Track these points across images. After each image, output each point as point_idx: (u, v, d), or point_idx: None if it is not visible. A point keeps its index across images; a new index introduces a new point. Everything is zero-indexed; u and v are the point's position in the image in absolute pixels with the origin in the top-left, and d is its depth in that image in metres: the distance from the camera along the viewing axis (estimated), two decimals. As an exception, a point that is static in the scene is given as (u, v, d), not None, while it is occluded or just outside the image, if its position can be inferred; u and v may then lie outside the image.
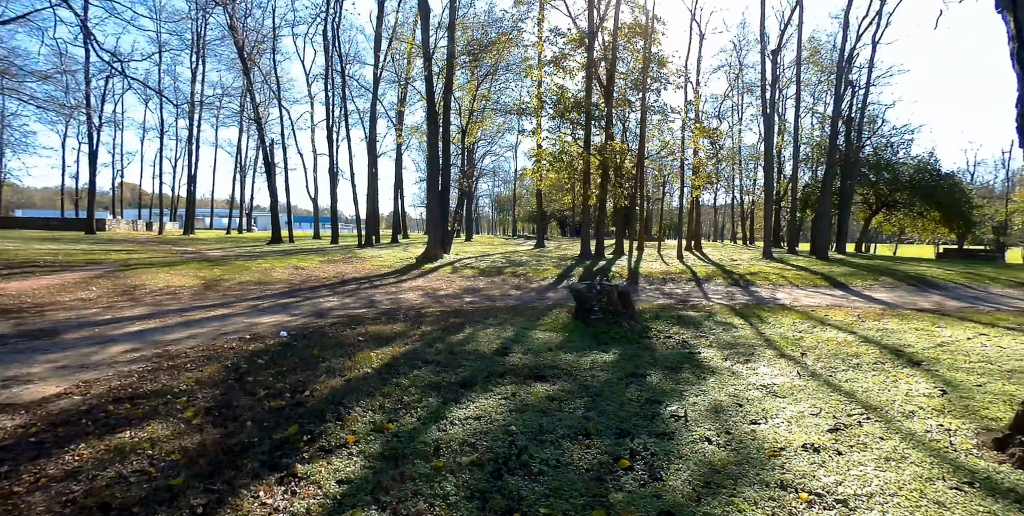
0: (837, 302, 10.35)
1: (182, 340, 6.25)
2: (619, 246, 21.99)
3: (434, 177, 17.35)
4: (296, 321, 7.59)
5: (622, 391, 4.12)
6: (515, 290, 11.97)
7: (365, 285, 12.30)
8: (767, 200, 21.43)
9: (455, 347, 5.51)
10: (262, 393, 4.20)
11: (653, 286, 13.08)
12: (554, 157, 17.91)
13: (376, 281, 13.07)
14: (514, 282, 13.40)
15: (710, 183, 23.09)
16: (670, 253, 24.41)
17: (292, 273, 14.01)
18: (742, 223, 44.19)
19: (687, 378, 4.51)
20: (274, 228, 27.85)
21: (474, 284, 12.88)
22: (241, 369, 4.89)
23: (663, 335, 6.19)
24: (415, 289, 11.74)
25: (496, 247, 28.43)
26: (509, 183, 66.15)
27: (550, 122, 20.01)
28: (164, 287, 10.88)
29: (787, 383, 4.39)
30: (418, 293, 11.06)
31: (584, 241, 19.43)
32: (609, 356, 5.18)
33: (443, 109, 18.16)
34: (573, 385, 4.26)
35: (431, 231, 17.38)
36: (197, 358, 5.33)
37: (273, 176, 27.64)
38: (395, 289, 11.67)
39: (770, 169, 21.12)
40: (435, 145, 17.32)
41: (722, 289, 12.56)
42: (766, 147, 20.70)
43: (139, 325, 7.22)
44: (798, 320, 7.63)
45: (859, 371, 4.85)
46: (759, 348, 5.71)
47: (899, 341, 6.15)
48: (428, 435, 3.25)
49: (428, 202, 17.46)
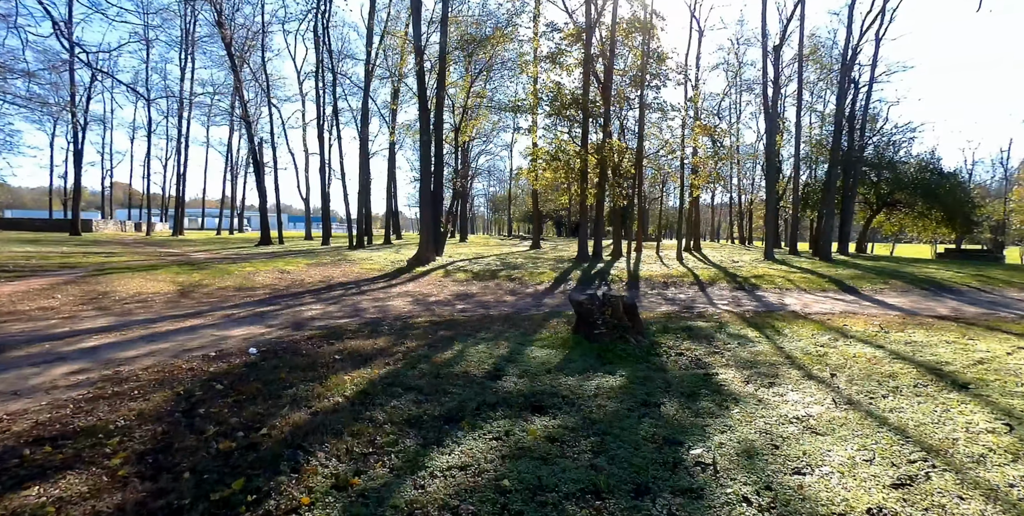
0: (850, 308, 9.79)
1: (138, 358, 5.61)
2: (617, 247, 21.41)
3: (426, 177, 16.72)
4: (271, 333, 6.95)
5: (635, 427, 3.51)
6: (510, 296, 11.36)
7: (352, 291, 11.66)
8: (768, 200, 20.90)
9: (441, 369, 4.89)
10: (212, 430, 3.57)
11: (655, 291, 12.49)
12: (551, 156, 17.29)
13: (364, 286, 12.42)
14: (509, 287, 12.79)
15: (711, 183, 22.56)
16: (669, 254, 23.88)
17: (277, 278, 13.34)
18: (740, 223, 43.74)
19: (708, 408, 3.90)
20: (263, 229, 27.13)
21: (467, 289, 12.26)
22: (194, 397, 4.25)
23: (673, 352, 5.59)
24: (404, 295, 11.11)
25: (491, 248, 27.82)
26: (505, 183, 65.66)
27: (546, 120, 19.41)
28: (136, 294, 10.20)
29: (824, 414, 3.80)
30: (407, 300, 10.43)
31: (582, 242, 18.84)
32: (616, 379, 4.57)
33: (435, 106, 17.51)
34: (577, 418, 3.65)
35: (423, 233, 16.75)
36: (148, 382, 4.69)
37: (262, 176, 26.92)
38: (383, 295, 11.03)
39: (772, 168, 20.60)
40: (427, 143, 16.68)
41: (727, 294, 11.99)
42: (768, 145, 20.17)
43: (97, 339, 6.57)
44: (817, 331, 7.05)
45: (901, 397, 4.27)
46: (782, 367, 5.12)
47: (934, 357, 5.57)
48: (401, 494, 2.63)
49: (420, 202, 16.84)
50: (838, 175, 21.59)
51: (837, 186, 21.89)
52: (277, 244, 27.18)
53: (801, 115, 23.65)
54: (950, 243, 39.46)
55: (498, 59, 22.87)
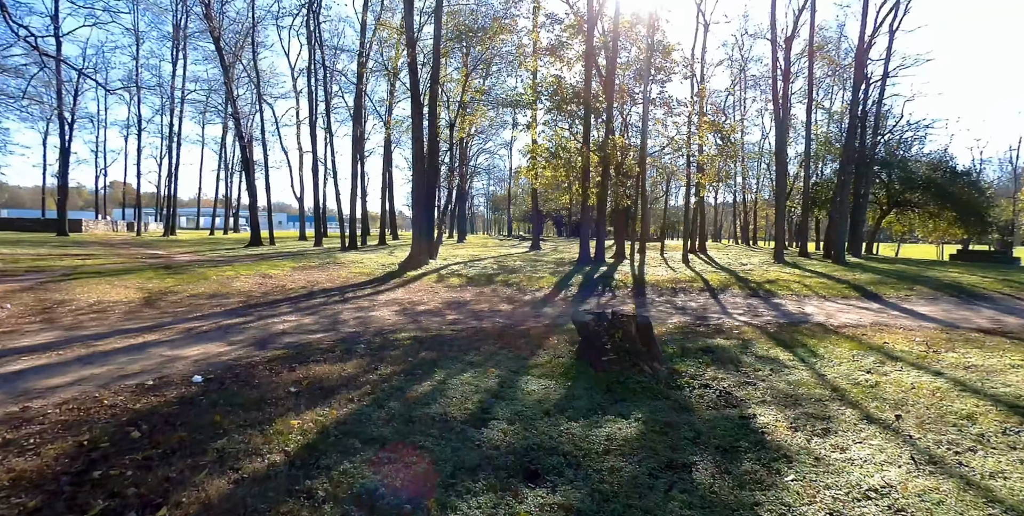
0: (880, 319, 8.88)
1: (60, 389, 4.71)
2: (620, 249, 20.52)
3: (419, 175, 15.82)
4: (230, 353, 6.06)
5: (661, 507, 2.61)
6: (506, 304, 10.47)
7: (335, 298, 10.76)
8: (778, 198, 20.00)
9: (415, 408, 3.98)
10: (96, 508, 2.68)
11: (663, 298, 11.60)
12: (551, 153, 16.36)
13: (349, 293, 11.53)
14: (505, 293, 11.89)
15: (718, 181, 21.64)
16: (673, 255, 22.97)
17: (257, 283, 12.45)
18: (742, 222, 42.80)
19: (754, 473, 3.00)
20: (253, 230, 26.22)
21: (460, 296, 11.37)
22: (98, 451, 3.35)
23: (697, 383, 4.68)
24: (391, 304, 10.21)
25: (489, 250, 26.93)
26: (504, 182, 64.78)
27: (546, 116, 18.51)
28: (95, 303, 9.30)
29: (908, 483, 2.90)
30: (393, 309, 9.53)
31: (583, 244, 17.94)
32: (631, 426, 3.67)
33: (429, 101, 16.61)
34: (583, 492, 2.75)
35: (416, 235, 15.85)
36: (53, 426, 3.79)
37: (251, 174, 26.02)
38: (368, 304, 10.13)
39: (783, 164, 19.69)
40: (420, 139, 15.77)
41: (741, 301, 11.09)
42: (778, 140, 19.27)
43: (26, 361, 5.67)
44: (856, 352, 6.15)
45: (992, 449, 3.37)
46: (832, 405, 4.22)
47: (1009, 389, 4.67)
48: None
49: (413, 203, 15.93)
50: (851, 173, 20.67)
51: (849, 185, 20.97)
52: (268, 245, 26.24)
53: (810, 112, 22.71)
54: (956, 244, 38.52)
55: (496, 52, 21.88)
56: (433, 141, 16.93)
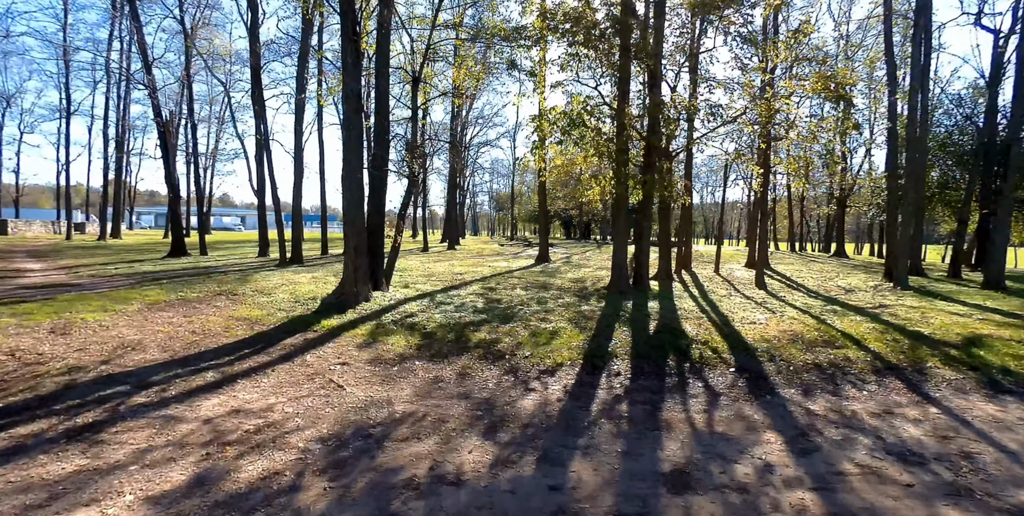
0: None
1: None
2: (665, 266, 14.27)
3: (353, 153, 9.62)
4: None
5: None
6: (475, 435, 4.29)
7: (85, 417, 4.59)
8: (915, 186, 13.55)
9: None
10: None
11: (820, 402, 5.35)
12: (570, 119, 10.03)
13: (172, 383, 5.37)
14: (484, 388, 5.70)
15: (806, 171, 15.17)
16: (733, 271, 16.62)
17: (6, 354, 6.29)
18: (797, 221, 36.06)
19: None
20: (174, 234, 20.05)
21: (386, 396, 5.21)
22: None
23: None
24: (207, 440, 4.01)
25: (483, 261, 20.71)
26: (508, 178, 58.68)
27: (559, 73, 12.09)
28: None
29: None
30: (184, 472, 3.32)
31: (617, 263, 11.73)
32: None
33: (379, 36, 10.43)
34: None
35: (347, 247, 9.66)
36: None
37: (172, 163, 19.89)
38: (155, 440, 3.93)
39: (921, 142, 13.27)
40: (355, 95, 9.57)
41: (993, 412, 4.86)
42: (909, 103, 12.96)
43: None
44: None
45: None
46: None
47: None
48: None
49: (344, 198, 9.74)
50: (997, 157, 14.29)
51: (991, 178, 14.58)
52: (197, 256, 20.06)
53: (928, 75, 16.25)
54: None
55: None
56: (382, 100, 10.71)
